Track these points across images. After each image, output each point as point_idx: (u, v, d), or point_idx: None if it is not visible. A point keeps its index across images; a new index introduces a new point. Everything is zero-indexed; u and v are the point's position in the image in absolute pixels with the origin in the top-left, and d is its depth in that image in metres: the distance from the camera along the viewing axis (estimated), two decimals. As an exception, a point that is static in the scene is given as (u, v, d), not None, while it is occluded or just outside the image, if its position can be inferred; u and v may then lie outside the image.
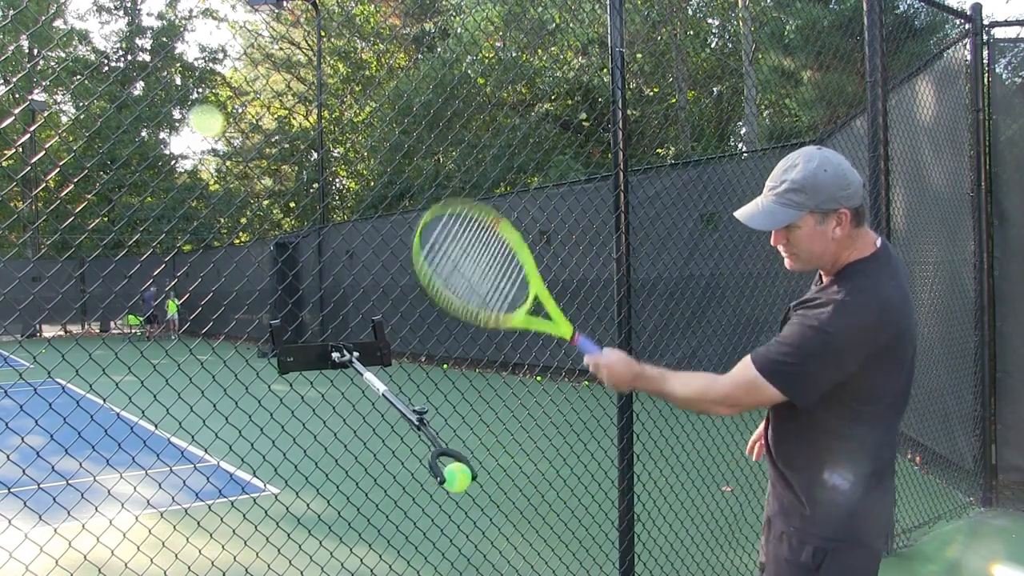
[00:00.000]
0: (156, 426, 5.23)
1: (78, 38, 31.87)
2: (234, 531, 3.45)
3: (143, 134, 31.23)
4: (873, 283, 1.83)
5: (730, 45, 22.87)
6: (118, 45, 32.61)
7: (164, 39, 32.43)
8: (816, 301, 1.84)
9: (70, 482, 2.79)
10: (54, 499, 2.85)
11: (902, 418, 2.00)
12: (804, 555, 1.88)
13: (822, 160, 1.83)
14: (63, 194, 28.06)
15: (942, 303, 5.54)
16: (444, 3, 26.00)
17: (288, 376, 2.30)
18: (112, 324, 27.42)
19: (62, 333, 25.69)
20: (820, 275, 2.00)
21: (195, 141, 52.00)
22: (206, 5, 44.36)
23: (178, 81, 34.36)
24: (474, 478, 1.73)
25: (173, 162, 34.03)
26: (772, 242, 1.94)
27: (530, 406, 8.09)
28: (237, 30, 34.68)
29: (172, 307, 23.07)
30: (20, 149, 24.41)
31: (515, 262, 2.14)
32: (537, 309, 2.12)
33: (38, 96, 26.35)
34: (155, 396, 3.11)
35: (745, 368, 1.87)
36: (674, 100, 21.21)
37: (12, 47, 26.28)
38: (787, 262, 1.97)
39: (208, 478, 3.60)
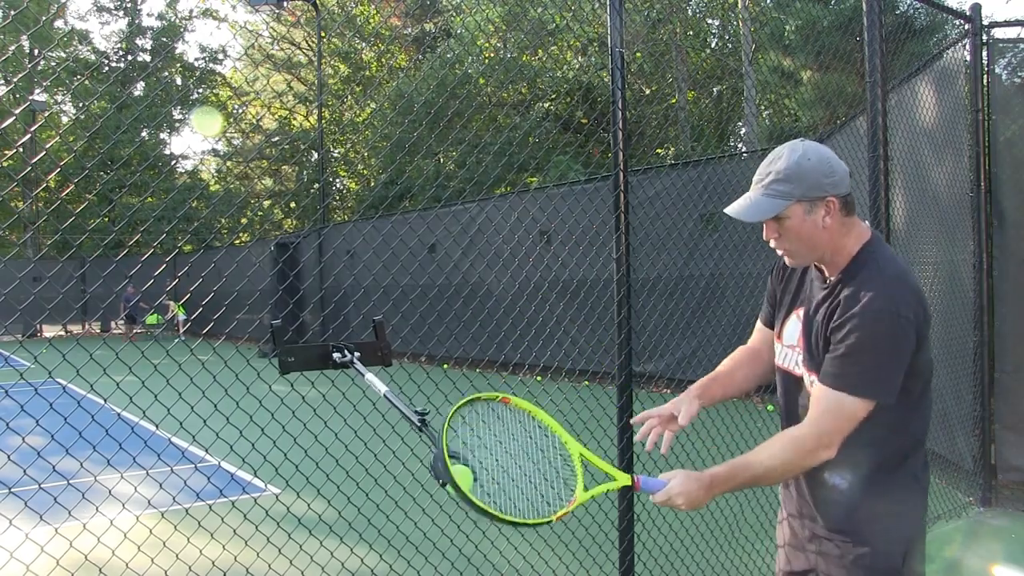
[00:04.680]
0: (157, 426, 5.24)
1: (78, 38, 31.88)
2: (235, 531, 3.46)
3: (143, 134, 31.21)
4: (891, 260, 1.86)
5: (730, 45, 22.87)
6: (118, 45, 32.61)
7: (164, 39, 32.43)
8: (848, 296, 1.80)
9: (71, 482, 2.80)
10: (55, 499, 2.86)
11: None
12: (888, 560, 1.82)
13: (806, 149, 1.86)
14: (63, 194, 28.07)
15: (941, 303, 5.54)
16: (444, 3, 26.02)
17: (289, 376, 2.31)
18: (112, 324, 27.43)
19: (63, 333, 25.68)
20: (815, 274, 1.96)
21: (195, 141, 52.01)
22: (206, 5, 44.28)
23: (178, 81, 34.36)
24: (475, 480, 1.73)
25: (173, 162, 34.00)
26: (764, 236, 1.93)
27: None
28: (237, 30, 34.71)
29: (180, 309, 23.11)
30: (20, 149, 24.42)
31: (544, 440, 1.97)
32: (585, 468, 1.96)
33: (38, 96, 26.34)
34: (156, 396, 3.11)
35: (824, 398, 1.78)
36: (674, 100, 21.21)
37: (13, 47, 26.25)
38: (786, 259, 1.95)
39: (209, 478, 3.61)
